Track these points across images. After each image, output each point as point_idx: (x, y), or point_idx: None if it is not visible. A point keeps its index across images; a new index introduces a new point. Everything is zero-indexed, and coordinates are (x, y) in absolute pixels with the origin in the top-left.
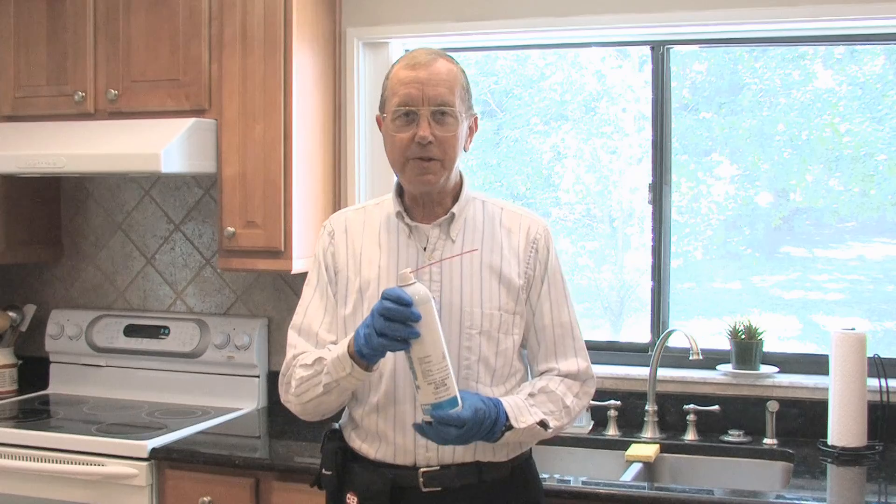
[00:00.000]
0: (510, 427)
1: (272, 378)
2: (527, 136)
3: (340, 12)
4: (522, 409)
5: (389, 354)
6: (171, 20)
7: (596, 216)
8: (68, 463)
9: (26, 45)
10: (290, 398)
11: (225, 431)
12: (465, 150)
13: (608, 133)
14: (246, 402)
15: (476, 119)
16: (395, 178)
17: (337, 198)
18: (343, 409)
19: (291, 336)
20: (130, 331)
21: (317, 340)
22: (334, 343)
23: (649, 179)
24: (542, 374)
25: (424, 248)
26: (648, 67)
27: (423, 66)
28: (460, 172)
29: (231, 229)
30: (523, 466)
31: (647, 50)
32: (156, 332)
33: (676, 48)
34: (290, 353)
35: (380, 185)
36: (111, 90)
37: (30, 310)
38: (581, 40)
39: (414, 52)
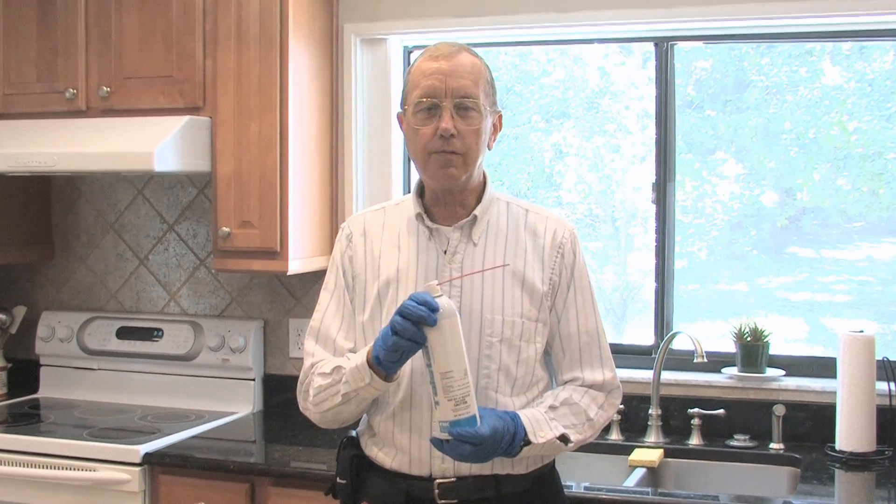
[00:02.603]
0: (528, 442)
1: (268, 381)
2: (527, 133)
3: (338, 8)
4: (542, 424)
5: (408, 366)
6: (164, 16)
7: (598, 216)
8: (59, 468)
9: (16, 41)
10: (309, 406)
11: (219, 436)
12: (489, 149)
13: (611, 131)
14: (241, 405)
15: (500, 117)
16: (395, 177)
17: (334, 197)
18: (362, 416)
19: (308, 344)
20: (123, 333)
21: (334, 348)
22: (352, 350)
23: (653, 178)
24: (565, 383)
25: (445, 252)
26: (652, 64)
27: (446, 57)
28: (483, 172)
29: (226, 229)
30: (545, 479)
31: (650, 46)
32: (149, 334)
33: (680, 44)
34: (307, 361)
35: (378, 184)
36: (103, 87)
37: (20, 311)
38: (583, 36)
39: (437, 45)
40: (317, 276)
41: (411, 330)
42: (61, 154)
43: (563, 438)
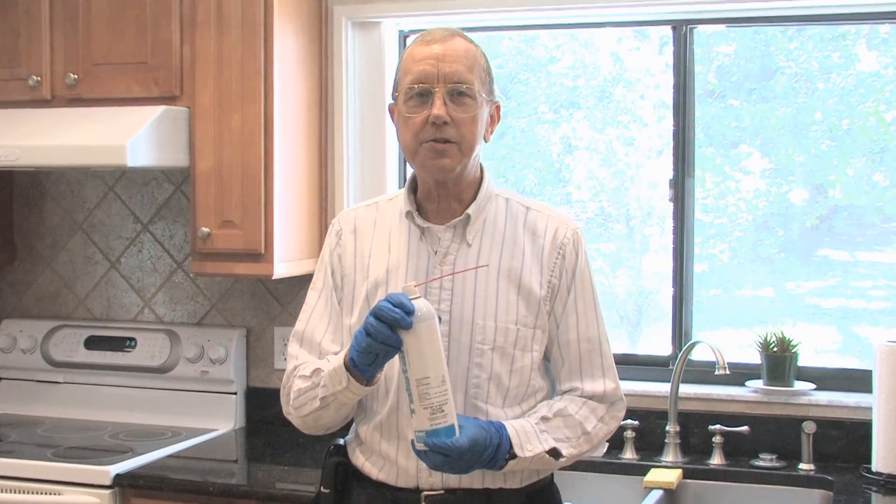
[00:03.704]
0: (514, 455)
1: (250, 395)
2: (534, 126)
3: None
4: (530, 436)
5: (395, 371)
6: None
7: (611, 215)
8: (21, 492)
9: None
10: (291, 410)
11: (198, 455)
12: (486, 141)
13: (625, 122)
14: (222, 421)
15: (498, 108)
16: (389, 173)
17: (323, 194)
18: (351, 423)
19: (292, 347)
20: (92, 343)
21: (320, 351)
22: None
23: (670, 174)
24: (564, 393)
25: (436, 253)
26: (670, 49)
27: (438, 41)
28: (481, 166)
29: (205, 230)
30: (541, 494)
31: (668, 30)
32: (121, 344)
33: (701, 28)
34: (290, 364)
35: (371, 180)
36: (70, 74)
37: None
38: (595, 19)
39: (430, 30)
40: (304, 281)
41: (385, 333)
42: (24, 147)
43: (554, 453)
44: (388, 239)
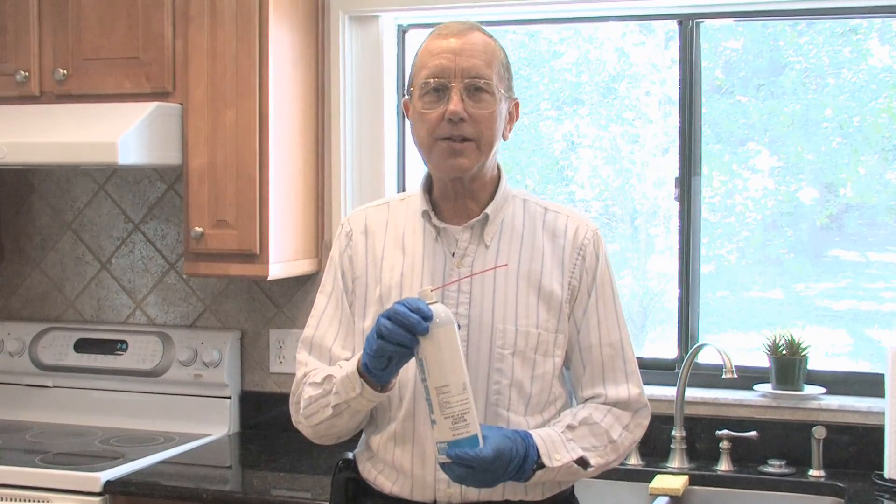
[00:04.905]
0: (542, 465)
1: (245, 399)
2: (537, 122)
3: None
4: (557, 445)
5: (410, 376)
6: None
7: (615, 214)
8: (8, 500)
9: None
10: (301, 419)
11: (191, 461)
12: (505, 139)
13: (629, 119)
14: (215, 426)
15: (517, 105)
16: (387, 171)
17: (320, 193)
18: (360, 434)
19: (301, 354)
20: (82, 346)
21: (330, 357)
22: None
23: (676, 173)
24: (586, 401)
25: (453, 254)
26: (675, 44)
27: (456, 34)
28: (498, 165)
29: (199, 229)
30: None
31: (673, 24)
32: (111, 347)
33: (708, 22)
34: (300, 371)
35: (368, 179)
36: (59, 69)
37: None
38: (599, 13)
39: (447, 23)
40: (300, 282)
41: (399, 334)
42: (11, 144)
43: (582, 462)
44: (401, 240)
